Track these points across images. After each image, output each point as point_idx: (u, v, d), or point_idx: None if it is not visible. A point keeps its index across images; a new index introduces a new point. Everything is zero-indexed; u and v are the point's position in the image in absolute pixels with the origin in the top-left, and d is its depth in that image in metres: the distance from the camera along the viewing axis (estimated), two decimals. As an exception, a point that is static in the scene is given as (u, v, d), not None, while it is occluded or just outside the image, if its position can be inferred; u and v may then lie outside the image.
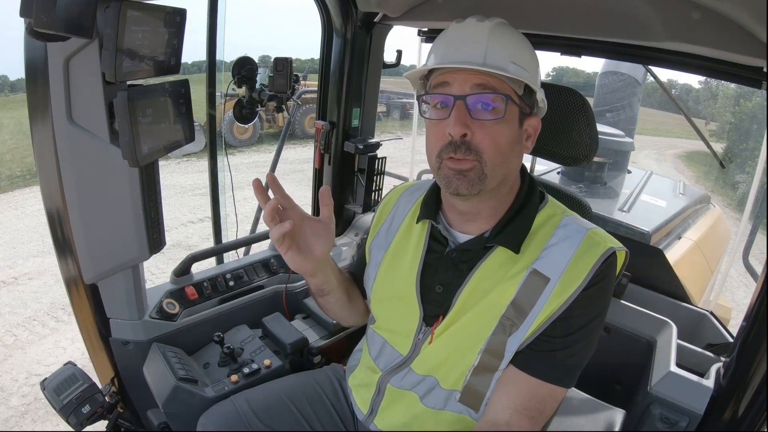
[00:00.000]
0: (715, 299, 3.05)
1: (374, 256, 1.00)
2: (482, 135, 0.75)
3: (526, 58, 0.79)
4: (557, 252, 0.80)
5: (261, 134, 10.45)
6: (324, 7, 1.70)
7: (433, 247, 0.90)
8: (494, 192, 0.81)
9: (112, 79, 0.92)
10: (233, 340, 1.38)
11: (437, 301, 0.87)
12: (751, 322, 1.05)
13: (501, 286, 0.81)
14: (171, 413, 1.16)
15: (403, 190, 1.05)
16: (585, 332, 0.79)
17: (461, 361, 0.84)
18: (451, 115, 0.75)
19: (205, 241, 4.96)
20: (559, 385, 0.80)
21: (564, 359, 0.80)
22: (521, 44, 0.80)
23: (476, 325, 0.83)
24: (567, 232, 0.82)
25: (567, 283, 0.77)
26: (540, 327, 0.79)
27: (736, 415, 1.04)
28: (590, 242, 0.80)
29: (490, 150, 0.75)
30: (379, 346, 0.97)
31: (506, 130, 0.77)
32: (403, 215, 0.99)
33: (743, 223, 3.34)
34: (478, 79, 0.75)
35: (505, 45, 0.76)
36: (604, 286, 0.79)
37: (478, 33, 0.76)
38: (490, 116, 0.75)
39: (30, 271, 4.36)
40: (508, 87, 0.76)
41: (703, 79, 13.54)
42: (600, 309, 0.80)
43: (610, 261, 0.79)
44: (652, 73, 2.13)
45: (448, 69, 0.77)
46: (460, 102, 0.75)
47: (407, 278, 0.91)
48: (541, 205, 0.87)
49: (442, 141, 0.77)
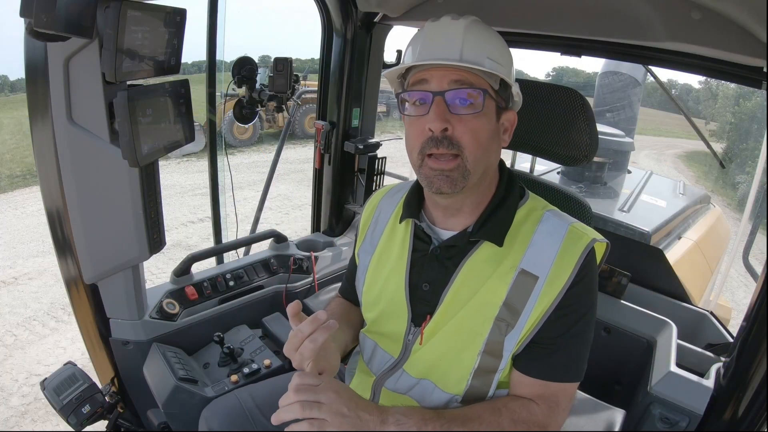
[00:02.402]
0: (715, 299, 3.04)
1: (362, 260, 1.01)
2: (462, 129, 0.77)
3: (500, 53, 0.81)
4: (542, 248, 0.81)
5: (261, 134, 10.45)
6: (324, 7, 1.70)
7: (417, 246, 0.91)
8: (476, 187, 0.83)
9: (112, 79, 0.92)
10: (233, 340, 1.38)
11: (425, 299, 0.87)
12: (751, 322, 1.05)
13: (490, 284, 0.82)
14: (171, 413, 1.16)
15: (383, 193, 1.06)
16: (580, 327, 0.81)
17: (457, 363, 0.84)
18: (431, 111, 0.76)
19: (205, 241, 4.95)
20: (566, 381, 0.82)
21: (565, 357, 0.81)
22: (495, 41, 0.82)
23: (468, 325, 0.83)
24: (549, 227, 0.83)
25: (554, 279, 0.79)
26: (535, 326, 0.79)
27: (736, 415, 1.04)
28: (572, 236, 0.81)
29: (470, 144, 0.77)
30: (371, 350, 0.97)
31: (485, 124, 0.79)
32: (387, 217, 0.99)
33: (743, 223, 3.34)
34: (455, 75, 0.77)
35: (480, 41, 0.78)
36: (590, 279, 0.81)
37: (453, 30, 0.78)
38: (468, 110, 0.77)
39: (30, 271, 4.36)
40: (484, 82, 0.78)
41: (703, 79, 13.56)
42: (590, 302, 0.82)
43: (591, 253, 0.81)
44: (652, 73, 2.13)
45: (426, 67, 0.79)
46: (439, 98, 0.76)
47: (395, 279, 0.91)
48: (523, 200, 0.88)
49: (423, 137, 0.78)
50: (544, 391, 0.82)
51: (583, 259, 0.79)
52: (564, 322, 0.80)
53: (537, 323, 0.79)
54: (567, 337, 0.80)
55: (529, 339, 0.80)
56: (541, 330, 0.80)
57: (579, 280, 0.79)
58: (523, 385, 0.83)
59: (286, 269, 1.69)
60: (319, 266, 1.74)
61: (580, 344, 0.82)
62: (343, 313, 1.07)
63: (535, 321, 0.79)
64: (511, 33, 1.34)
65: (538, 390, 0.82)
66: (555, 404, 0.82)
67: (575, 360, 0.82)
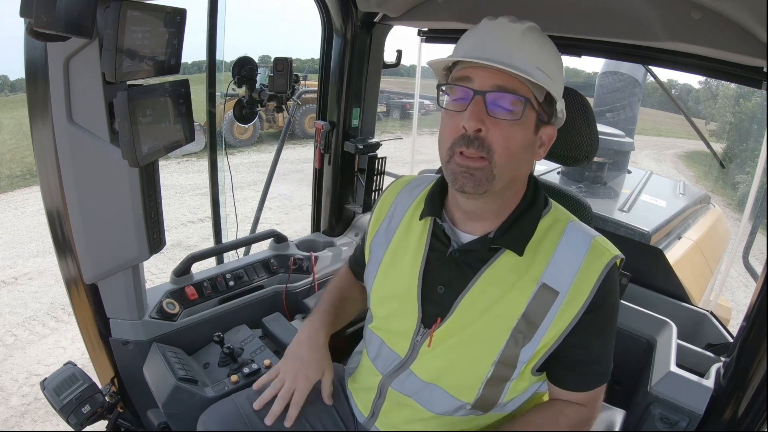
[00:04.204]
0: (715, 299, 3.04)
1: (374, 254, 0.99)
2: (496, 133, 0.74)
3: (552, 66, 0.78)
4: (564, 262, 0.81)
5: (261, 134, 10.46)
6: (324, 7, 1.70)
7: (435, 245, 0.89)
8: (500, 194, 0.81)
9: (112, 79, 0.92)
10: (233, 340, 1.38)
11: (438, 301, 0.86)
12: (751, 322, 1.05)
13: (510, 295, 0.81)
14: (171, 413, 1.16)
15: (402, 185, 1.03)
16: (605, 339, 0.85)
17: (470, 371, 0.83)
18: (468, 109, 0.74)
19: (205, 241, 4.96)
20: (598, 385, 0.88)
21: (599, 367, 0.86)
22: (549, 51, 0.80)
23: (485, 334, 0.82)
24: (572, 240, 0.83)
25: (575, 295, 0.79)
26: (556, 340, 0.80)
27: (736, 415, 1.04)
28: (595, 252, 0.81)
29: (501, 149, 0.75)
30: (377, 347, 0.96)
31: (520, 133, 0.76)
32: (404, 211, 0.97)
33: (743, 223, 3.34)
34: (500, 80, 0.74)
35: (533, 49, 0.76)
36: (610, 293, 0.82)
37: (508, 33, 0.76)
38: (506, 116, 0.75)
39: (30, 271, 4.36)
40: (529, 91, 0.76)
41: (703, 79, 13.55)
42: (612, 314, 0.85)
43: (612, 269, 0.81)
44: (652, 73, 2.13)
45: (472, 64, 0.76)
46: (479, 97, 0.74)
47: (409, 276, 0.90)
48: (545, 210, 0.87)
49: (456, 133, 0.76)
50: (585, 398, 0.87)
51: (604, 275, 0.79)
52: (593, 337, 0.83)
53: (558, 337, 0.80)
54: (599, 350, 0.84)
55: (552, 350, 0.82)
56: (571, 346, 0.81)
57: (601, 296, 0.80)
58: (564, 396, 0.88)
59: (286, 269, 1.69)
60: (319, 266, 1.74)
61: (609, 351, 0.86)
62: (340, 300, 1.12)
63: (555, 336, 0.80)
64: (511, 33, 1.34)
65: (580, 399, 0.87)
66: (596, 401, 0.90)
67: (606, 364, 0.87)
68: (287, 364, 1.01)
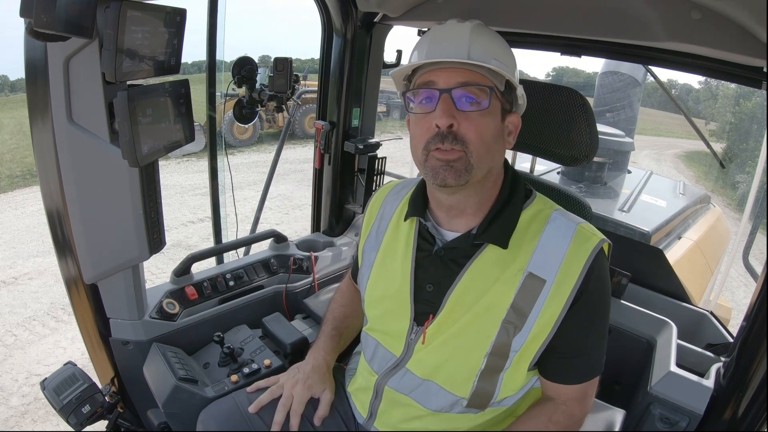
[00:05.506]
0: (715, 299, 3.04)
1: (367, 257, 1.01)
2: (468, 125, 0.78)
3: (505, 55, 0.83)
4: (550, 250, 0.82)
5: (261, 134, 10.45)
6: (324, 7, 1.70)
7: (421, 245, 0.91)
8: (480, 185, 0.84)
9: (112, 79, 0.92)
10: (233, 340, 1.38)
11: (428, 299, 0.88)
12: (751, 322, 1.05)
13: (497, 287, 0.82)
14: (171, 413, 1.16)
15: (388, 189, 1.06)
16: (599, 327, 0.85)
17: (464, 364, 0.84)
18: (438, 107, 0.78)
19: (205, 241, 4.96)
20: (589, 379, 0.87)
21: (590, 358, 0.86)
22: (500, 43, 0.84)
23: (476, 327, 0.83)
24: (557, 228, 0.84)
25: (562, 282, 0.80)
26: (549, 330, 0.81)
27: (736, 415, 1.04)
28: (580, 238, 0.82)
29: (475, 140, 0.78)
30: (373, 348, 0.97)
31: (490, 122, 0.80)
32: (391, 214, 1.00)
33: (743, 223, 3.34)
34: (462, 77, 0.78)
35: (486, 43, 0.80)
36: (600, 280, 0.82)
37: (460, 32, 0.80)
38: (474, 108, 0.78)
39: (30, 271, 4.36)
40: (490, 82, 0.80)
41: (703, 79, 13.56)
42: (604, 301, 0.85)
43: (600, 255, 0.82)
44: (652, 73, 2.13)
45: (432, 68, 0.80)
46: (446, 95, 0.78)
47: (400, 277, 0.91)
48: (529, 200, 0.88)
49: (429, 133, 0.79)
50: (576, 392, 0.87)
51: (591, 260, 0.80)
52: (583, 327, 0.82)
53: (550, 327, 0.81)
54: (589, 341, 0.84)
55: (547, 343, 0.82)
56: (561, 337, 0.81)
57: (589, 283, 0.80)
58: (557, 392, 0.88)
59: (286, 269, 1.69)
60: (319, 266, 1.74)
61: (601, 342, 0.86)
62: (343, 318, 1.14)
63: (546, 324, 0.80)
64: (512, 33, 1.34)
65: (572, 393, 0.87)
66: (586, 397, 0.90)
67: (599, 357, 0.87)
68: (288, 374, 1.03)
